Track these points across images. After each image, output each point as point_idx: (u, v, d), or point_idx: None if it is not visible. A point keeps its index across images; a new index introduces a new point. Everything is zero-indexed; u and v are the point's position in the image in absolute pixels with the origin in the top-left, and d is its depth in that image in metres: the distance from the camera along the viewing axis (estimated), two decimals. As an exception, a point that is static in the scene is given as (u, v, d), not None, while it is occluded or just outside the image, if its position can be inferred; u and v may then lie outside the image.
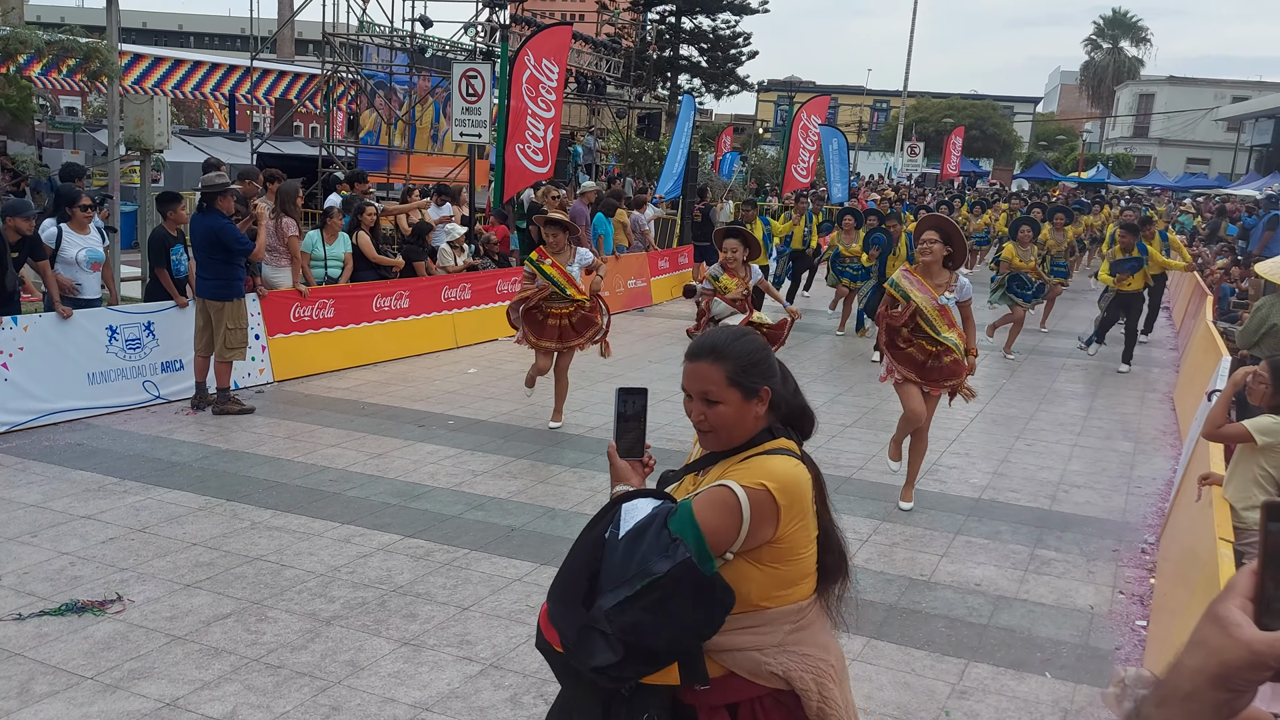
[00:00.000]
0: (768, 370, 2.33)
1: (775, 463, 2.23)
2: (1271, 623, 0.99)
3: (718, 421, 2.29)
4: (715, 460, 2.34)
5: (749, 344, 2.34)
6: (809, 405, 2.43)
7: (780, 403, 2.35)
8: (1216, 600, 1.04)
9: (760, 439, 2.31)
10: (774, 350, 2.43)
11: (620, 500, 2.25)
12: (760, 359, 2.32)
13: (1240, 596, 1.02)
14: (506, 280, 12.91)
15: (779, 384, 2.35)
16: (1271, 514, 1.01)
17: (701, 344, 2.34)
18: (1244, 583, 1.03)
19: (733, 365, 2.28)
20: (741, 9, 40.24)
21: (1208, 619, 1.03)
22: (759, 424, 2.32)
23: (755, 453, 2.28)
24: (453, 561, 5.65)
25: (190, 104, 30.36)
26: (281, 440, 7.84)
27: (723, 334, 2.36)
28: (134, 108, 10.89)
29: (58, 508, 6.18)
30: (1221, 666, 1.00)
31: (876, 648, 4.88)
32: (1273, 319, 7.35)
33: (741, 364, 2.29)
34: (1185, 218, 29.24)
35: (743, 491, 2.15)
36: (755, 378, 2.29)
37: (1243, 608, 1.01)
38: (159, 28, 78.32)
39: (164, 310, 8.73)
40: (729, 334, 2.36)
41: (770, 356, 2.36)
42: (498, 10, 16.69)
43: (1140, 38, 67.49)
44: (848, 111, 63.91)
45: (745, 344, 2.34)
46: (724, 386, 2.28)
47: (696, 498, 2.19)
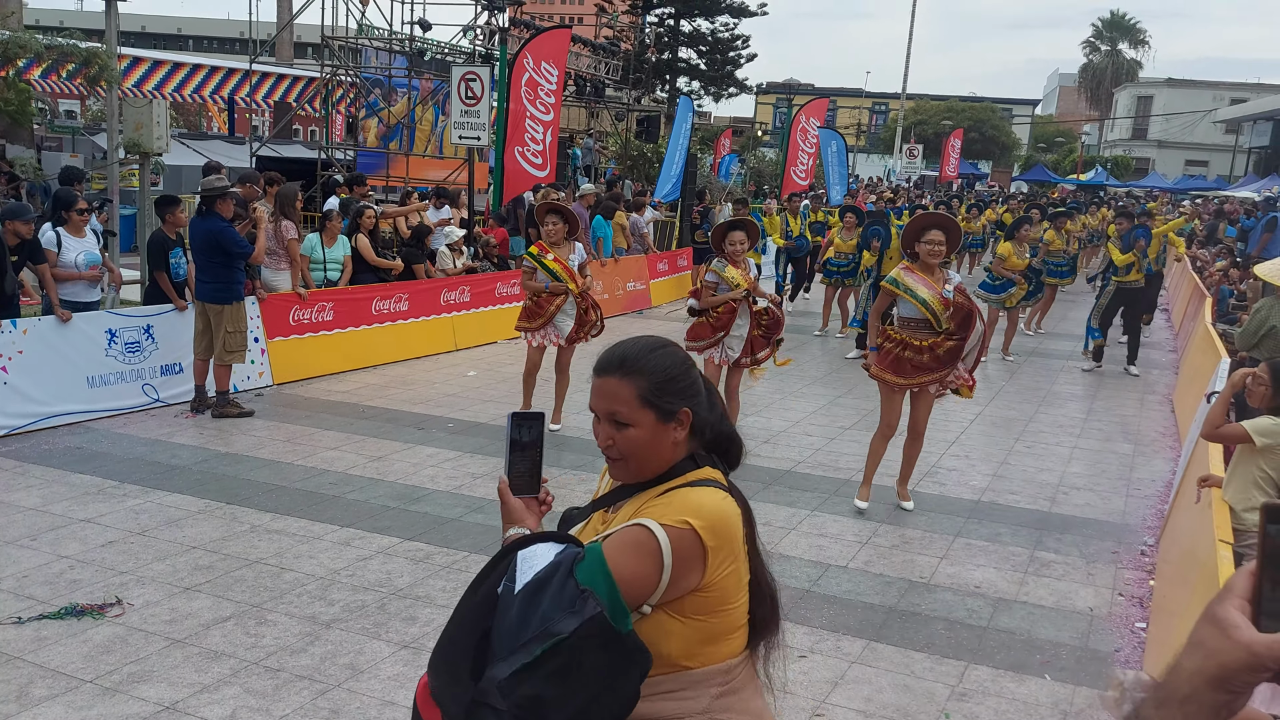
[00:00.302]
0: (689, 389, 2.02)
1: (700, 496, 1.91)
2: (1269, 624, 0.99)
3: (628, 448, 1.98)
4: (628, 494, 2.03)
5: (667, 357, 2.04)
6: (736, 431, 2.12)
7: (704, 428, 2.04)
8: (1214, 601, 1.04)
9: (681, 469, 2.00)
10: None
11: (515, 547, 1.88)
12: (680, 375, 2.02)
13: (1238, 598, 1.02)
14: (506, 283, 12.90)
15: (703, 406, 2.04)
16: (1271, 516, 1.01)
17: (610, 356, 2.04)
18: (1242, 584, 1.03)
19: (647, 382, 1.98)
20: (740, 11, 40.28)
21: (1206, 620, 1.03)
22: (678, 451, 2.01)
23: (676, 485, 1.96)
24: (453, 564, 5.65)
25: (189, 107, 30.38)
26: (281, 443, 7.84)
27: (636, 345, 2.06)
28: (133, 111, 10.90)
29: (57, 511, 6.18)
30: (1221, 669, 1.00)
31: (876, 650, 4.88)
32: (1272, 321, 7.35)
33: (657, 381, 1.99)
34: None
35: (662, 531, 1.82)
36: (673, 397, 1.99)
37: (1240, 609, 1.02)
38: (158, 30, 78.33)
39: (163, 313, 8.73)
40: (643, 345, 2.06)
41: (692, 373, 2.05)
42: (496, 13, 16.71)
43: (1138, 40, 67.54)
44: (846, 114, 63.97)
45: (662, 357, 2.03)
46: (636, 407, 1.97)
47: (608, 540, 1.86)
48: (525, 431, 2.15)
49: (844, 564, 5.94)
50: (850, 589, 5.59)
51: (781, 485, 7.39)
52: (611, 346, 2.06)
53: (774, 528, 6.48)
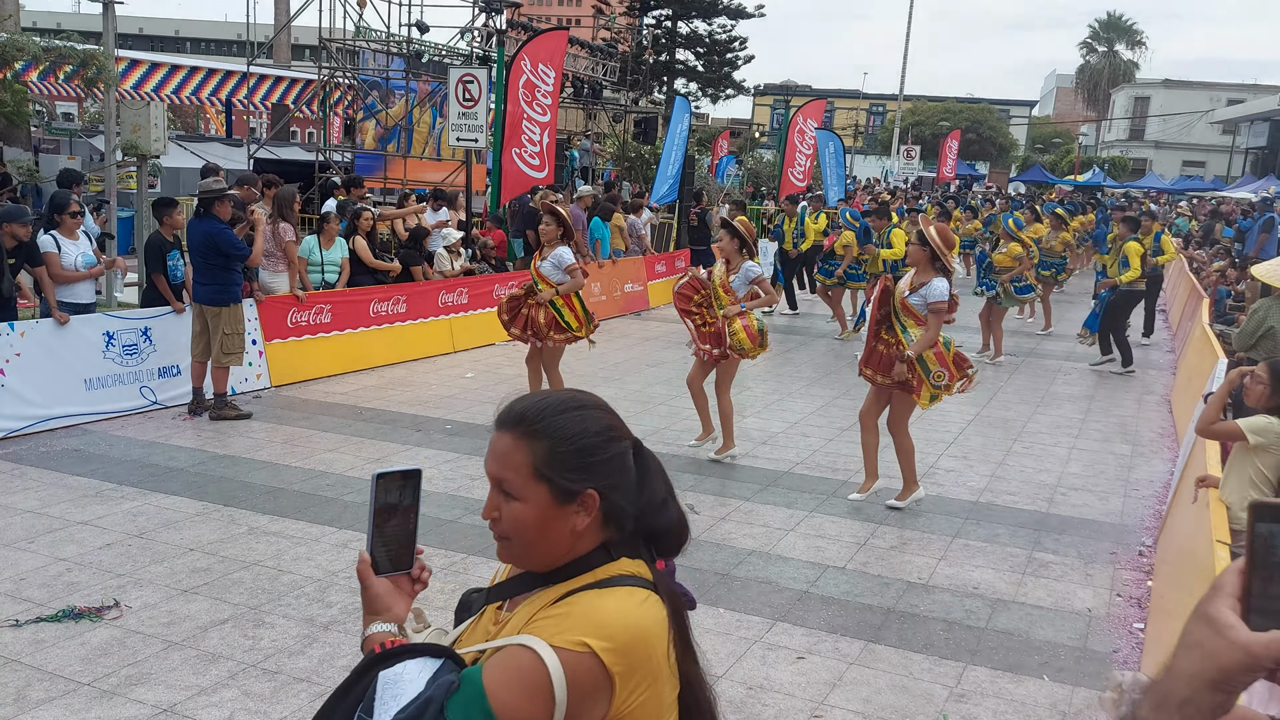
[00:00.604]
0: (603, 466, 1.58)
1: (608, 605, 1.50)
2: (1260, 622, 0.99)
3: (513, 526, 1.57)
4: (527, 586, 1.62)
5: (580, 421, 1.60)
6: (683, 519, 1.67)
7: (622, 518, 1.59)
8: (1205, 601, 1.04)
9: (590, 562, 1.58)
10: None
11: (377, 662, 1.50)
12: (592, 447, 1.58)
13: (1229, 596, 1.02)
14: (504, 284, 12.89)
15: (624, 490, 1.60)
16: (1259, 514, 1.02)
17: (511, 408, 1.63)
18: (1231, 582, 1.03)
19: (545, 449, 1.57)
20: (737, 13, 40.29)
21: (1199, 620, 1.03)
22: (584, 541, 1.58)
23: (580, 586, 1.54)
24: (450, 566, 5.65)
25: (187, 109, 30.37)
26: (279, 445, 7.84)
27: (545, 400, 1.63)
28: (131, 113, 10.91)
29: (55, 513, 6.17)
30: (1219, 670, 1.00)
31: (874, 651, 4.88)
32: (1270, 321, 7.36)
33: (560, 450, 1.57)
34: (1181, 220, 29.30)
35: (555, 658, 1.45)
36: (577, 474, 1.56)
37: (1232, 608, 1.02)
38: (156, 33, 78.31)
39: (161, 316, 8.72)
40: (555, 401, 1.63)
41: (614, 447, 1.61)
42: (494, 15, 16.72)
43: (1135, 41, 67.64)
44: (844, 115, 64.02)
45: (574, 420, 1.60)
46: (527, 477, 1.56)
47: (489, 666, 1.48)
48: (395, 494, 1.68)
49: (842, 565, 5.95)
50: (848, 590, 5.59)
51: (779, 486, 7.39)
52: (519, 397, 1.66)
53: (772, 529, 6.48)
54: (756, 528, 6.50)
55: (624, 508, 1.59)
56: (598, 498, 1.57)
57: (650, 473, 1.65)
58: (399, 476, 1.69)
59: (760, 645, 4.88)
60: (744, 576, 5.70)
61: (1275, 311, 7.40)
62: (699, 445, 8.07)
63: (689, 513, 2.06)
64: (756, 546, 6.17)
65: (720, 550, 6.08)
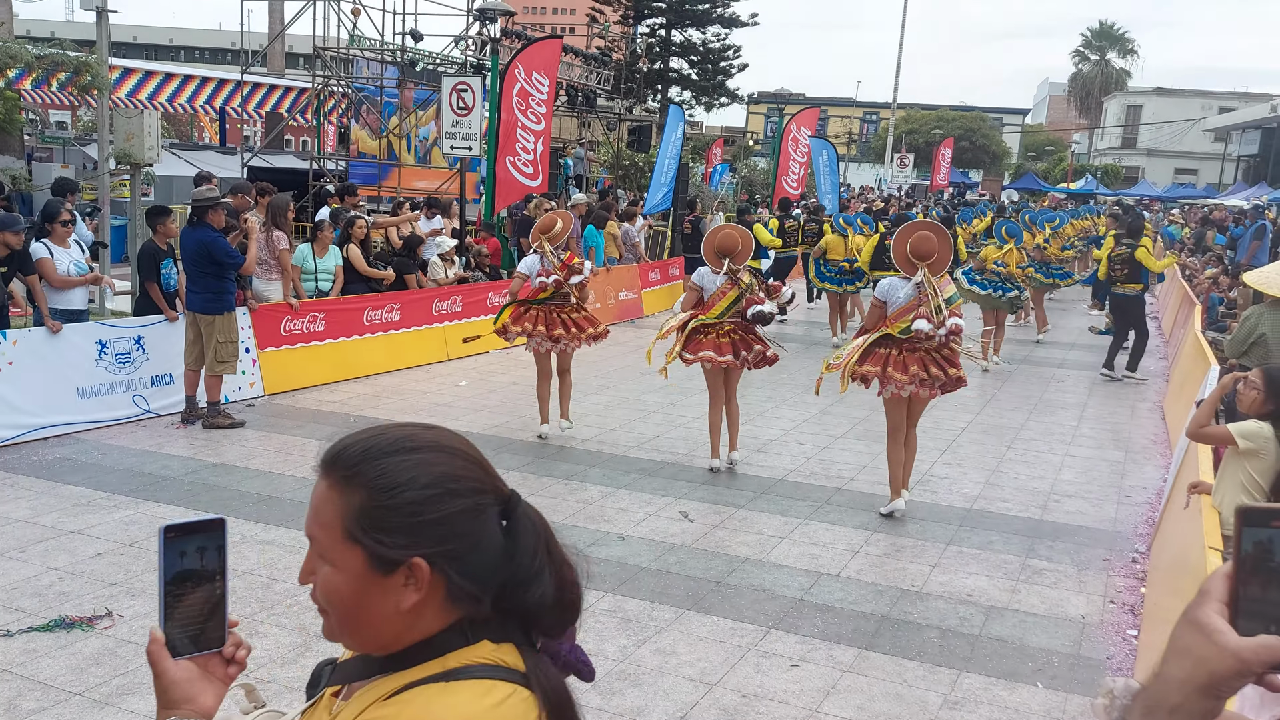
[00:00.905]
0: (432, 527, 1.20)
1: (446, 705, 1.16)
2: (1247, 626, 1.00)
3: (325, 598, 1.24)
4: (369, 670, 1.27)
5: (410, 466, 1.22)
6: (569, 595, 1.31)
7: (476, 594, 1.22)
8: (1193, 606, 1.04)
9: (441, 645, 1.22)
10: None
11: None
12: (418, 501, 1.20)
13: (1216, 601, 1.03)
14: (498, 292, 12.89)
15: (472, 556, 1.21)
16: (1246, 519, 1.02)
17: (333, 446, 1.27)
18: (1219, 587, 1.03)
19: (360, 501, 1.20)
20: (731, 22, 40.43)
21: (1188, 626, 1.03)
22: (429, 620, 1.23)
23: (422, 678, 1.20)
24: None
25: (181, 117, 30.35)
26: (272, 454, 7.82)
27: (379, 436, 1.25)
28: (124, 122, 10.90)
29: (46, 522, 6.15)
30: (1210, 676, 1.00)
31: (868, 659, 4.88)
32: (1261, 329, 7.39)
33: (376, 503, 1.20)
34: (1173, 228, 29.38)
35: None
36: (396, 535, 1.19)
37: (1220, 613, 1.02)
38: (150, 41, 78.30)
39: (154, 324, 8.70)
40: (388, 439, 1.25)
41: (451, 501, 1.21)
42: (488, 24, 16.74)
43: (1127, 49, 67.94)
44: (837, 123, 64.14)
45: (401, 465, 1.22)
46: (337, 537, 1.21)
47: None
48: (196, 553, 1.32)
49: (836, 572, 5.94)
50: (842, 597, 5.59)
51: (773, 494, 7.39)
52: (353, 432, 1.28)
53: (765, 536, 6.48)
54: (750, 535, 6.50)
55: (471, 583, 1.21)
56: (427, 569, 1.19)
57: (522, 536, 1.25)
58: (196, 530, 1.31)
59: (754, 653, 4.88)
60: (738, 584, 5.70)
61: (1267, 319, 7.42)
62: None
63: (683, 519, 1.93)
64: (750, 554, 6.17)
65: (714, 558, 6.08)
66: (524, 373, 11.19)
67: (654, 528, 6.54)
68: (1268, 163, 45.54)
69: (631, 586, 5.59)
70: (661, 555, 6.08)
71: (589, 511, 6.80)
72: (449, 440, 1.28)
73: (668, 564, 5.94)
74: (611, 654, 4.78)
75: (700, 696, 4.45)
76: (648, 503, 7.04)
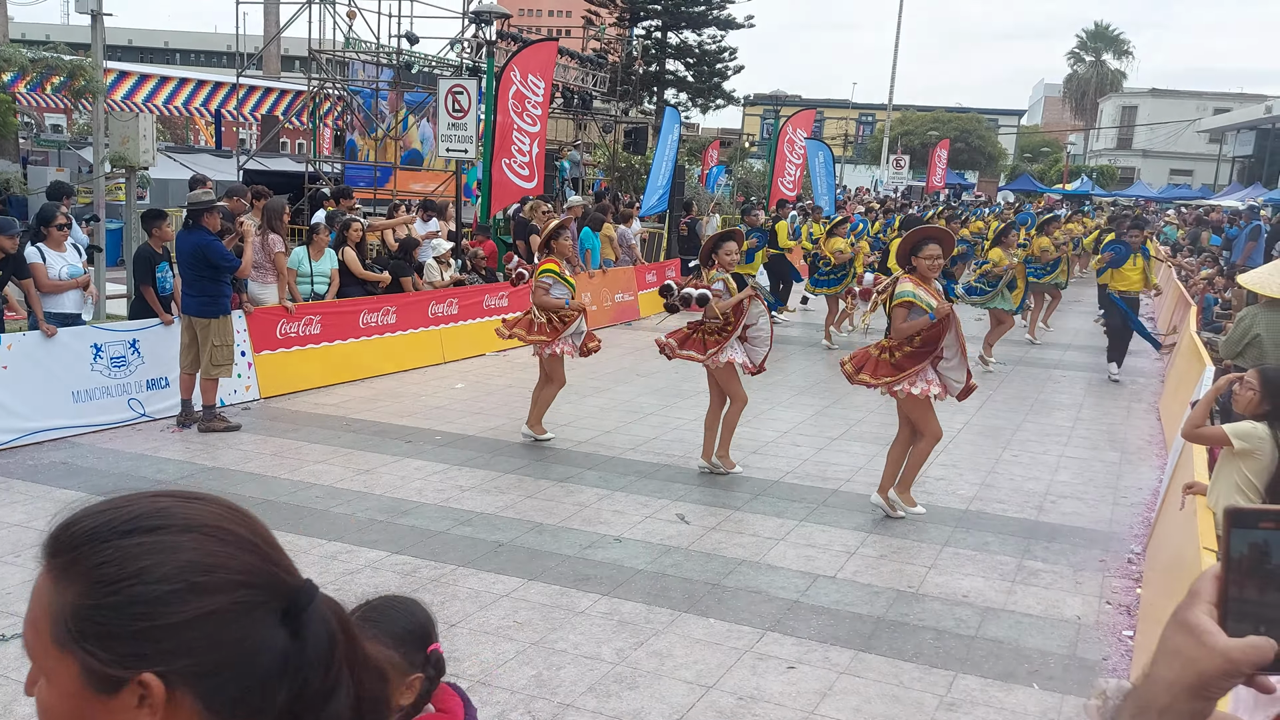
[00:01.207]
0: (171, 634, 0.92)
1: None
2: (1236, 627, 1.00)
3: (40, 715, 0.97)
4: None
5: (146, 552, 0.94)
6: (382, 713, 1.07)
7: (241, 715, 0.94)
8: (1182, 607, 1.04)
9: None
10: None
11: None
12: (152, 600, 0.92)
13: (1205, 603, 1.03)
14: (494, 295, 12.90)
15: (230, 671, 0.93)
16: (1234, 520, 1.02)
17: (58, 523, 0.99)
18: (1208, 588, 1.04)
19: (77, 594, 0.93)
20: (727, 24, 40.44)
21: (1177, 628, 1.04)
22: None
23: None
24: (440, 578, 5.63)
25: (176, 120, 30.32)
26: (268, 457, 7.81)
27: (121, 508, 0.98)
28: (119, 125, 10.89)
29: (42, 527, 6.08)
30: (1199, 677, 1.00)
31: (864, 660, 4.88)
32: (1256, 329, 7.39)
33: (96, 599, 0.92)
34: (1169, 229, 29.45)
35: None
36: (123, 643, 0.92)
37: (1209, 614, 1.02)
38: (145, 44, 78.25)
39: (149, 328, 8.69)
40: (128, 513, 0.97)
41: (198, 600, 0.93)
42: (484, 26, 16.74)
43: (1122, 51, 68.12)
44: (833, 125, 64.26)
45: (135, 551, 0.94)
46: (47, 641, 0.94)
47: None
48: None
49: (832, 574, 5.95)
50: (839, 599, 5.59)
51: (770, 496, 7.39)
52: (90, 505, 1.00)
53: (762, 538, 6.48)
54: (746, 537, 6.50)
55: (232, 707, 0.93)
56: (161, 689, 0.91)
57: (311, 643, 0.99)
58: None
59: (751, 655, 4.88)
60: (734, 586, 5.70)
61: (1261, 319, 7.43)
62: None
63: (679, 521, 1.85)
64: (746, 556, 6.17)
65: (710, 560, 6.08)
66: (520, 375, 11.20)
67: (650, 530, 6.54)
68: (1263, 163, 45.66)
69: (628, 589, 5.58)
70: (658, 558, 6.08)
71: (585, 514, 6.80)
72: (213, 516, 0.98)
73: (664, 566, 5.94)
74: (608, 656, 4.78)
75: (697, 699, 4.45)
76: (644, 505, 7.04)
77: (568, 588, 5.57)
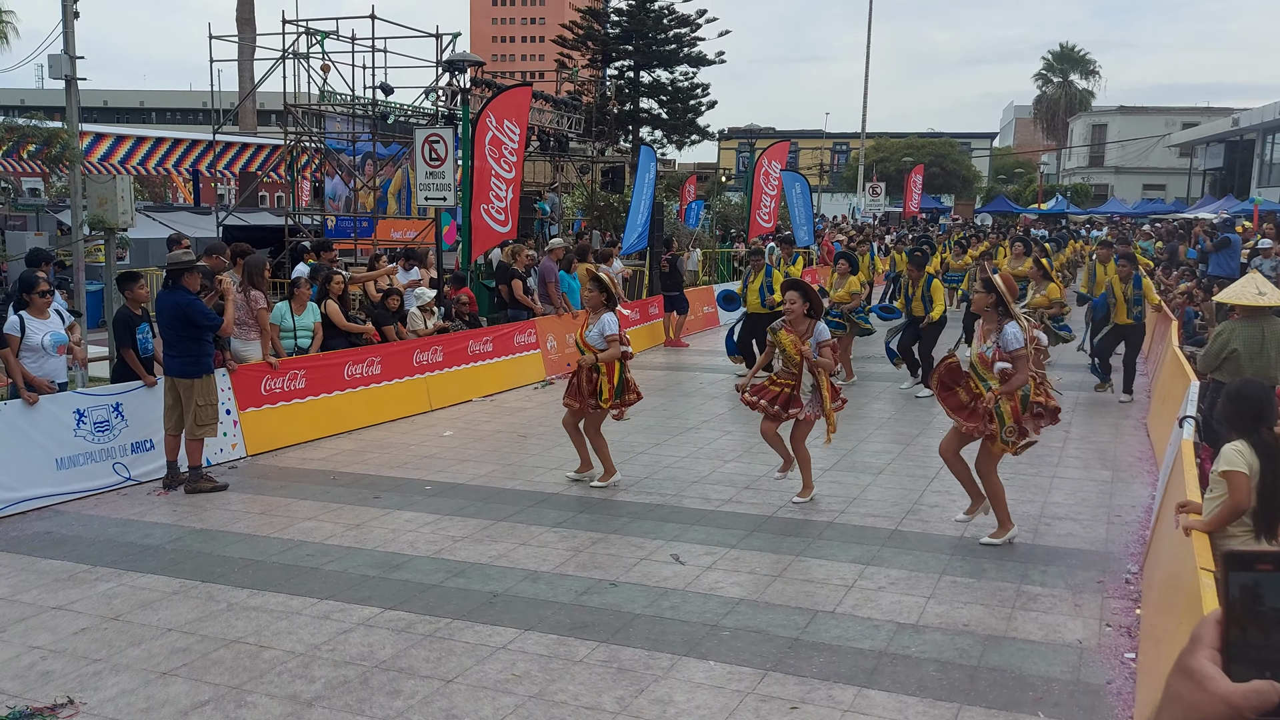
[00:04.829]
0: None
1: None
2: (1241, 671, 0.99)
3: None
4: None
5: None
6: None
7: None
8: (1185, 653, 1.03)
9: None
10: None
11: None
12: None
13: (1208, 648, 1.02)
14: (478, 340, 12.88)
15: None
16: (1230, 563, 1.01)
17: None
18: (1210, 633, 1.03)
19: None
20: (698, 60, 40.83)
21: (1180, 674, 1.03)
22: None
23: None
24: (435, 632, 5.56)
25: (154, 179, 30.32)
26: (256, 516, 7.73)
27: None
28: (97, 187, 10.86)
29: (27, 600, 6.04)
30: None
31: (868, 697, 4.83)
32: (1233, 344, 7.45)
33: None
34: (1146, 243, 29.72)
35: None
36: None
37: (1211, 659, 1.01)
38: (120, 105, 78.48)
39: (132, 390, 8.62)
40: None
41: None
42: (458, 74, 16.84)
43: (1089, 70, 69.11)
44: (808, 155, 64.76)
45: None
46: None
47: None
48: None
49: (831, 609, 5.90)
50: (839, 635, 5.54)
51: (764, 531, 7.35)
52: None
53: (759, 575, 6.43)
54: (743, 575, 6.45)
55: None
56: None
57: None
58: None
59: (753, 697, 4.82)
60: (733, 626, 5.64)
61: (1239, 333, 7.49)
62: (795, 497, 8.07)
63: (674, 562, 1.76)
64: (744, 595, 6.11)
65: (708, 600, 6.02)
66: (508, 420, 11.16)
67: (646, 572, 6.49)
68: (1233, 175, 46.27)
69: (626, 634, 5.52)
70: (655, 600, 6.02)
71: (580, 559, 6.74)
72: None
73: (662, 609, 5.89)
74: (609, 706, 4.71)
75: (700, 745, 4.38)
76: (638, 547, 6.99)
77: (565, 636, 5.50)
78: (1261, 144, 42.73)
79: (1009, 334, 6.76)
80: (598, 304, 8.45)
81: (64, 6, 11.32)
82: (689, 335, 18.34)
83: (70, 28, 11.34)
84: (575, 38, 40.40)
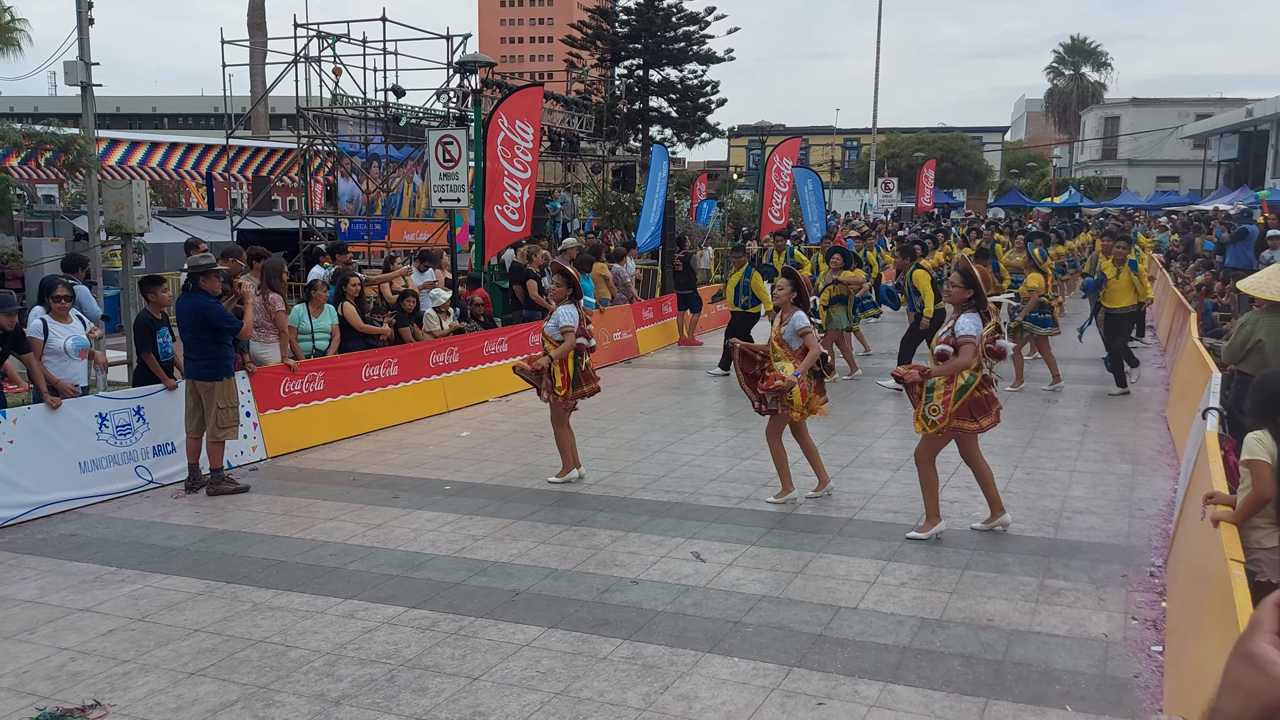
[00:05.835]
0: None
1: None
2: None
3: None
4: None
5: None
6: None
7: None
8: (1244, 638, 1.03)
9: None
10: None
11: None
12: None
13: (1268, 632, 1.01)
14: (494, 341, 12.91)
15: None
16: None
17: None
18: (1270, 618, 1.02)
19: None
20: (708, 59, 40.82)
21: (1239, 659, 1.02)
22: None
23: None
24: (459, 630, 5.58)
25: (168, 184, 30.48)
26: (278, 517, 7.77)
27: None
28: (113, 192, 10.93)
29: (55, 601, 6.09)
30: (1264, 709, 0.99)
31: (893, 692, 4.82)
32: (1257, 335, 7.40)
33: None
34: (1162, 235, 29.56)
35: None
36: None
37: (1272, 643, 1.00)
38: (133, 111, 78.92)
39: (153, 394, 8.67)
40: None
41: None
42: (469, 76, 16.89)
43: (1101, 62, 68.79)
44: (819, 151, 64.65)
45: None
46: None
47: None
48: None
49: (854, 605, 5.89)
50: (862, 630, 5.53)
51: (784, 528, 7.34)
52: None
53: (780, 572, 6.43)
54: (764, 572, 6.45)
55: None
56: None
57: None
58: None
59: (779, 693, 4.82)
60: (756, 623, 5.64)
61: (1263, 324, 7.44)
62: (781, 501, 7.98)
63: (695, 559, 1.81)
64: (766, 591, 6.11)
65: (730, 597, 6.03)
66: (525, 420, 11.17)
67: (667, 570, 6.49)
68: (1248, 165, 45.92)
69: (649, 631, 5.53)
70: (677, 597, 6.03)
71: (600, 557, 6.76)
72: None
73: (683, 606, 5.89)
74: (634, 703, 4.72)
75: (727, 741, 4.39)
76: (658, 545, 6.99)
77: (588, 633, 5.52)
78: (1276, 134, 42.40)
79: (965, 320, 6.89)
80: (562, 297, 8.47)
81: (79, 13, 11.40)
82: (702, 333, 18.34)
83: (85, 34, 11.42)
84: (584, 37, 40.45)
